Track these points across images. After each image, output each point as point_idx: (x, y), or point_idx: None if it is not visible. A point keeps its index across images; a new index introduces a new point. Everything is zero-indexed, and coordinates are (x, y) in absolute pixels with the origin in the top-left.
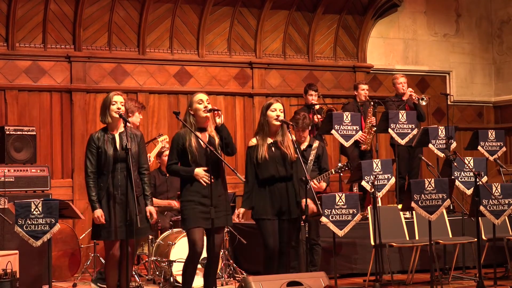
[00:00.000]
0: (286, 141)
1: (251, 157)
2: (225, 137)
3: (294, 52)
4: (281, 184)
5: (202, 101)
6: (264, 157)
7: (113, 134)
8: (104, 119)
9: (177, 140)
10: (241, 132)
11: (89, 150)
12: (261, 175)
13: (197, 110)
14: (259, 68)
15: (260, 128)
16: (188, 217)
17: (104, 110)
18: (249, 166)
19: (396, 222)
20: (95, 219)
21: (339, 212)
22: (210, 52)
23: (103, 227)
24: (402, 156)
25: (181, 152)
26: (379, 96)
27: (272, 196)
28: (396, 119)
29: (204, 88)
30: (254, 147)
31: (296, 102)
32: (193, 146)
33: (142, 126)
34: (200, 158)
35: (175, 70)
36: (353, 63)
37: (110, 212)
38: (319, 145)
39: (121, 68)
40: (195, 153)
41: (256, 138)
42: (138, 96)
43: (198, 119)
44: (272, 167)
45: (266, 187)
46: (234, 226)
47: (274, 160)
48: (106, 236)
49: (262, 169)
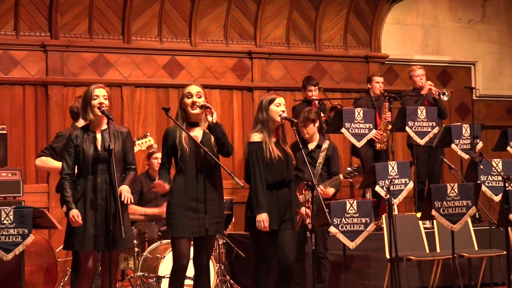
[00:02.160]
0: (286, 141)
1: (259, 154)
2: (219, 137)
3: (299, 41)
4: (286, 190)
5: (191, 94)
6: (277, 157)
7: (94, 132)
8: (85, 116)
9: (167, 137)
10: (239, 131)
11: (66, 150)
12: (272, 177)
13: (185, 105)
14: (259, 59)
15: (263, 125)
16: (174, 224)
17: (85, 105)
18: (260, 163)
19: (415, 233)
20: (70, 220)
21: (350, 222)
22: (204, 41)
23: (76, 234)
24: (421, 158)
25: (172, 149)
26: (395, 90)
27: (278, 203)
28: (415, 116)
29: (197, 81)
30: (260, 144)
31: (302, 96)
32: (183, 143)
33: (127, 123)
34: (190, 156)
35: (165, 60)
36: (365, 52)
37: (86, 218)
38: (330, 145)
39: (103, 58)
40: (186, 150)
41: (259, 134)
42: (122, 90)
43: (188, 114)
44: (283, 170)
45: (274, 192)
46: (230, 237)
47: (284, 161)
48: (80, 245)
49: (272, 171)
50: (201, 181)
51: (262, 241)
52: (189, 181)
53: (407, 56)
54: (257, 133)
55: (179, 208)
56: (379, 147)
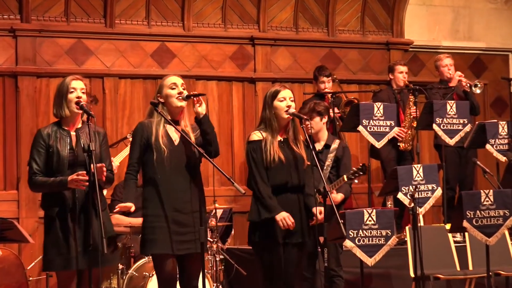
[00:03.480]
0: (300, 140)
1: (258, 155)
2: (207, 132)
3: (309, 24)
4: (292, 195)
5: (176, 85)
6: (278, 158)
7: (68, 130)
8: (60, 112)
9: (140, 133)
10: (240, 128)
11: (35, 149)
12: (271, 182)
13: (169, 97)
14: (263, 45)
15: (267, 124)
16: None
17: (59, 100)
18: (259, 164)
19: (444, 247)
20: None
21: (369, 234)
22: (199, 24)
23: (58, 253)
24: (450, 160)
25: (145, 148)
26: (421, 81)
27: (283, 206)
28: (443, 111)
29: (191, 71)
30: (260, 143)
31: (312, 89)
32: (161, 142)
33: (110, 120)
34: (171, 158)
35: (153, 47)
36: (386, 38)
37: (67, 233)
38: (340, 145)
39: (82, 45)
40: (164, 151)
41: (261, 132)
42: (104, 82)
43: (170, 108)
44: (285, 172)
45: (276, 196)
46: (229, 252)
47: (288, 163)
48: (64, 265)
49: (273, 174)
50: (183, 189)
51: (269, 256)
52: (168, 188)
53: (434, 43)
54: (259, 131)
55: (158, 220)
56: (403, 147)
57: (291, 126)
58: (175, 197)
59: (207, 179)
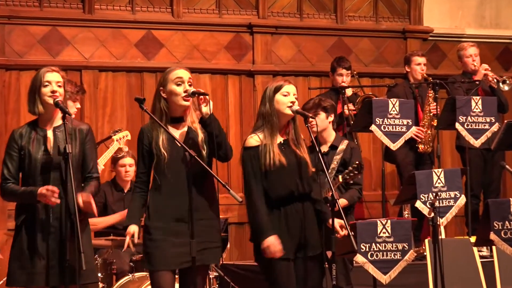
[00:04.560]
0: (301, 142)
1: (256, 163)
2: (216, 134)
3: (315, 10)
4: (299, 205)
5: (182, 80)
6: (278, 163)
7: (44, 130)
8: (33, 109)
9: (141, 140)
10: (237, 128)
11: (7, 153)
12: (273, 191)
13: (173, 94)
14: (263, 33)
15: (266, 120)
16: (152, 254)
17: (32, 95)
18: (256, 174)
19: (468, 263)
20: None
21: (383, 248)
22: (191, 10)
23: (21, 267)
24: (474, 164)
25: (148, 155)
26: (442, 74)
27: (289, 224)
28: (467, 109)
29: (181, 62)
30: (257, 149)
31: (319, 83)
32: (161, 146)
33: (88, 119)
34: (171, 164)
35: (138, 36)
36: (403, 25)
37: (36, 244)
38: (348, 146)
39: (57, 33)
40: (165, 157)
41: (258, 136)
42: (82, 75)
43: (172, 106)
44: (290, 179)
45: (280, 209)
46: (225, 269)
47: (291, 167)
48: (26, 280)
49: (275, 182)
50: (186, 196)
51: (277, 274)
52: (169, 196)
53: (457, 30)
54: (256, 133)
55: (159, 233)
56: (422, 149)
57: (292, 126)
58: (176, 206)
59: None
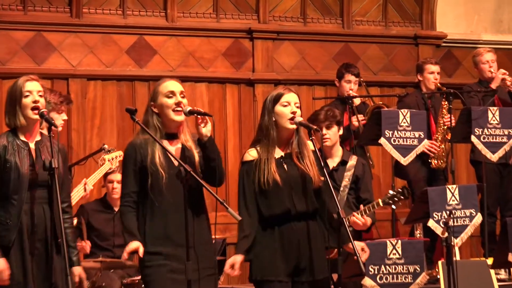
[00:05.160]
0: (306, 155)
1: (249, 179)
2: (213, 159)
3: (320, 14)
4: (298, 224)
5: (174, 93)
6: (273, 180)
7: (27, 142)
8: (14, 122)
9: (133, 156)
10: (235, 142)
11: None
12: (267, 210)
13: (165, 107)
14: (263, 39)
15: (264, 133)
16: (151, 280)
17: (12, 107)
18: (247, 191)
19: (485, 287)
20: None
21: (393, 271)
22: (186, 14)
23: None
24: (490, 179)
25: (140, 173)
26: (457, 84)
27: (284, 244)
28: (484, 120)
29: (175, 71)
30: (254, 163)
31: (323, 93)
32: (157, 164)
33: (76, 131)
34: (170, 184)
35: (130, 42)
36: (414, 30)
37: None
38: (359, 162)
39: (42, 39)
40: (162, 176)
41: (257, 149)
42: (69, 84)
43: (165, 121)
44: (286, 197)
45: (275, 228)
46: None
47: (289, 185)
48: None
49: (270, 200)
50: (185, 219)
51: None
52: (168, 219)
53: (472, 36)
54: (254, 147)
55: (159, 258)
56: (435, 164)
57: (296, 138)
58: (176, 229)
59: None
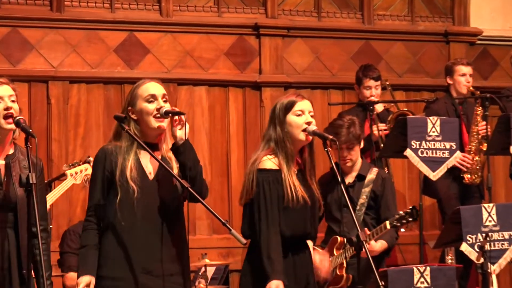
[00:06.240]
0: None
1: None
2: (190, 166)
3: (337, 7)
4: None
5: (155, 97)
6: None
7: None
8: None
9: (102, 162)
10: (239, 153)
11: None
12: (288, 229)
13: (144, 113)
14: (272, 36)
15: (279, 146)
16: None
17: None
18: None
19: None
20: None
21: None
22: (183, 8)
23: None
24: None
25: (109, 185)
26: (493, 87)
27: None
28: None
29: (170, 72)
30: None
31: (341, 98)
32: (129, 178)
33: (57, 142)
34: (143, 199)
35: (118, 39)
36: (444, 26)
37: None
38: (378, 176)
39: (18, 36)
40: (133, 189)
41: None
42: (49, 87)
43: (144, 129)
44: (305, 218)
45: (288, 254)
46: None
47: (309, 206)
48: None
49: (290, 220)
50: (157, 241)
51: None
52: (135, 240)
53: (511, 33)
54: (271, 156)
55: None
56: (469, 179)
57: (308, 152)
58: (144, 254)
59: (194, 224)
